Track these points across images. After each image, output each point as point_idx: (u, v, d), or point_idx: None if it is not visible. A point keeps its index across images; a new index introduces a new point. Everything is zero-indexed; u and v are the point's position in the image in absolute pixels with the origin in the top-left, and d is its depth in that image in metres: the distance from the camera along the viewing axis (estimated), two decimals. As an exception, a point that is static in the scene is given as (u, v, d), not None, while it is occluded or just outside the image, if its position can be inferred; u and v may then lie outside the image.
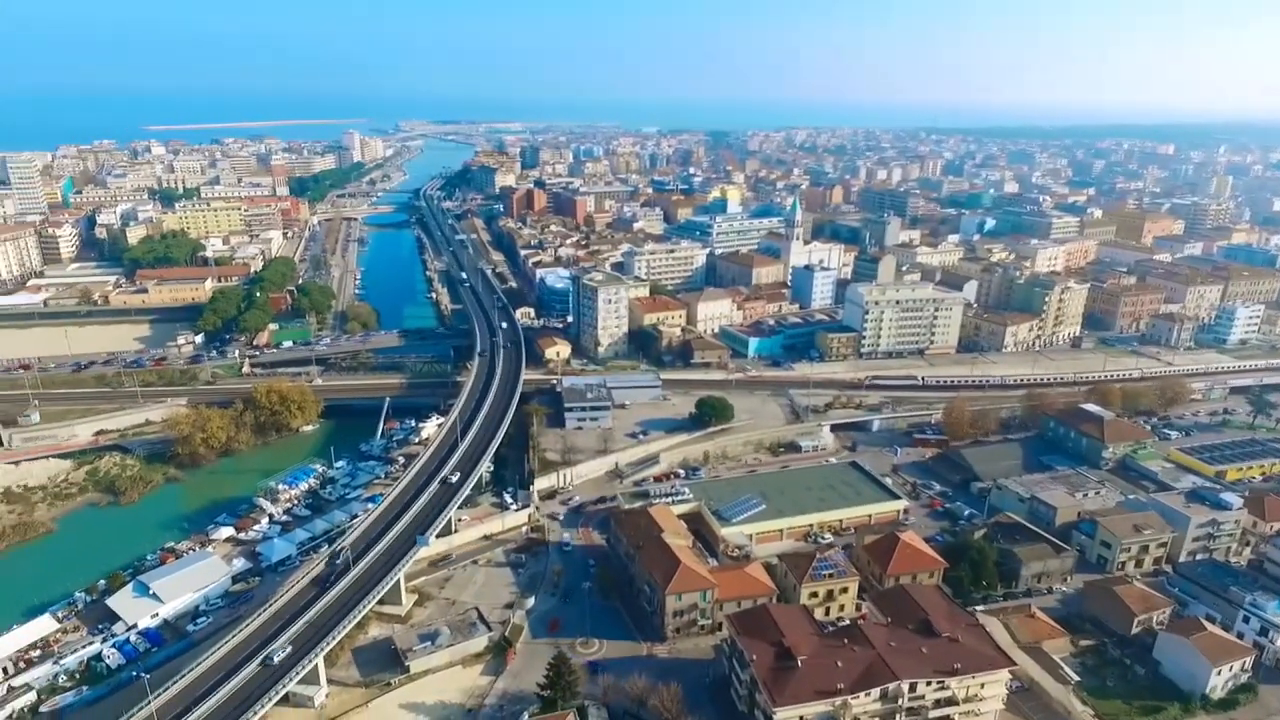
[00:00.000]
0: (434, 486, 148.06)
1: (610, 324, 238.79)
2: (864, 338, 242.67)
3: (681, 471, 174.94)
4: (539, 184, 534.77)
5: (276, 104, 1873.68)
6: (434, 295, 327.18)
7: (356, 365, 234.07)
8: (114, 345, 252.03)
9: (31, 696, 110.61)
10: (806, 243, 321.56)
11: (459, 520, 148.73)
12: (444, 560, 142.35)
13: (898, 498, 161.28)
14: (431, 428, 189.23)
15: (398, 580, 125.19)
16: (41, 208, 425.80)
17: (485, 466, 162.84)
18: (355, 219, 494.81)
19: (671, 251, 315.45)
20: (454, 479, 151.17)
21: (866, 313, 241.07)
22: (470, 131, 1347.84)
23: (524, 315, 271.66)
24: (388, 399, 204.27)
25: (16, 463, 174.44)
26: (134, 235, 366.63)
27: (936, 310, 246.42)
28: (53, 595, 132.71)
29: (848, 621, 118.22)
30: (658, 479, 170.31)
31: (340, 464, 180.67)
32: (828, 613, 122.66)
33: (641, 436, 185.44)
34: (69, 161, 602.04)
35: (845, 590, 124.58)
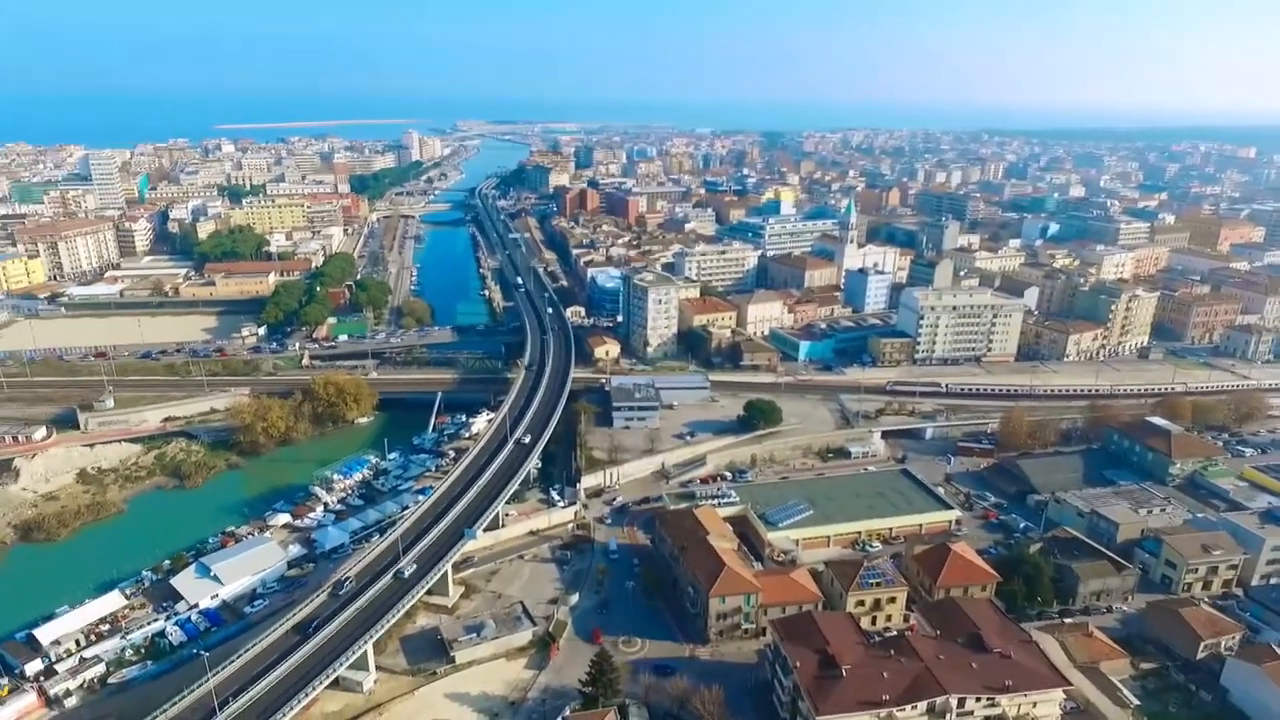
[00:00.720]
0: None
1: (660, 324, 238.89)
2: (918, 343, 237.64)
3: (728, 474, 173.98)
4: (592, 184, 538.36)
5: (329, 104, 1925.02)
6: (487, 293, 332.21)
7: (410, 360, 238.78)
8: (183, 335, 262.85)
9: (101, 668, 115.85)
10: (861, 246, 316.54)
11: (506, 515, 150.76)
12: (466, 558, 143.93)
13: (950, 508, 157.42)
14: (482, 423, 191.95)
15: (445, 571, 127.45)
16: (120, 203, 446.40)
17: (533, 463, 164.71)
18: (412, 217, 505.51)
19: (723, 253, 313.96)
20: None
21: (921, 318, 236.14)
22: (526, 131, 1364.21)
23: (574, 314, 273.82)
24: (440, 394, 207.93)
25: (91, 445, 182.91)
26: (204, 230, 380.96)
27: (995, 317, 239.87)
28: (122, 573, 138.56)
29: (895, 632, 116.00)
30: (704, 481, 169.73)
31: (393, 456, 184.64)
32: (874, 622, 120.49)
33: (689, 438, 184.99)
34: (145, 159, 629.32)
35: (893, 600, 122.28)
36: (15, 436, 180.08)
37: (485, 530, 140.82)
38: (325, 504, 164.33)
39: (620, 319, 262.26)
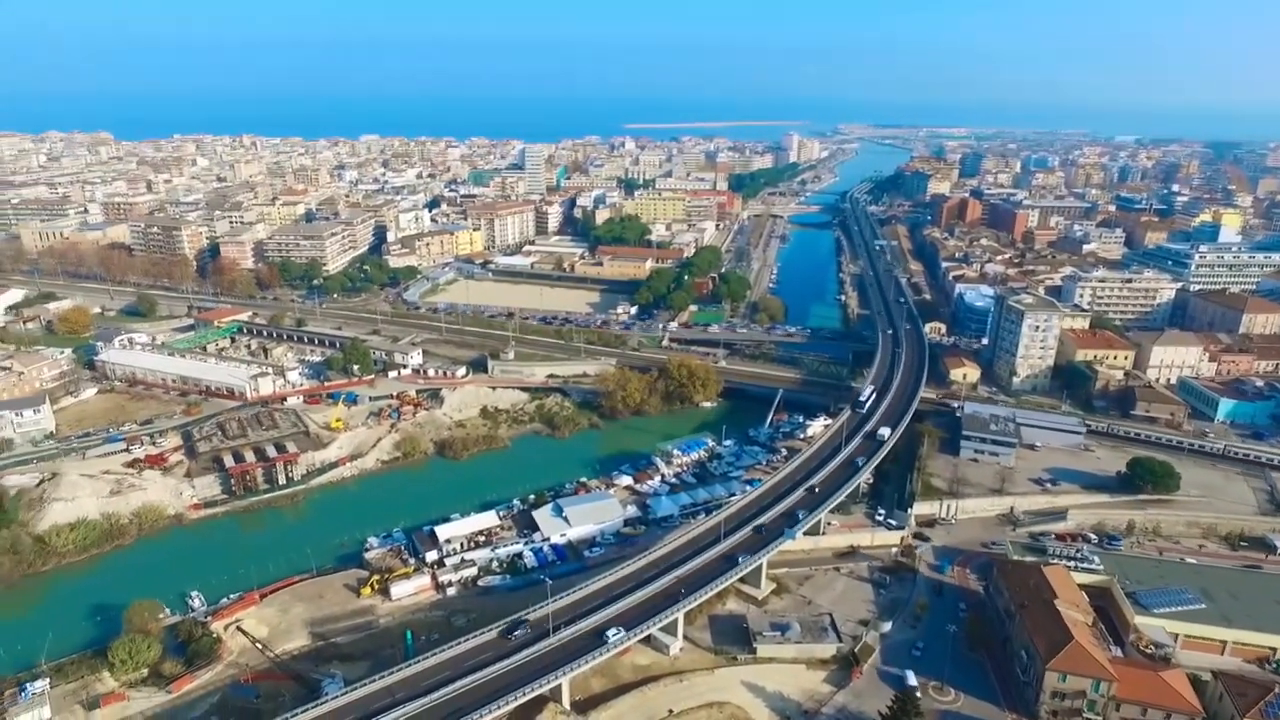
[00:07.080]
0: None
1: (1033, 353, 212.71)
2: None
3: (1093, 536, 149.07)
4: (976, 193, 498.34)
5: (717, 106, 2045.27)
6: (843, 297, 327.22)
7: (758, 354, 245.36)
8: (571, 306, 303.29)
9: (474, 571, 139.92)
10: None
11: (829, 524, 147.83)
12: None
13: None
14: (818, 427, 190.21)
15: (760, 565, 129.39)
16: (541, 189, 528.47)
17: (865, 476, 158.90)
18: (781, 216, 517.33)
19: (1128, 281, 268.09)
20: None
21: None
22: (909, 136, 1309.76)
23: (933, 330, 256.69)
24: (781, 391, 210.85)
25: (494, 388, 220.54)
26: (600, 216, 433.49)
27: None
28: (498, 497, 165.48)
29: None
30: (1060, 537, 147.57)
31: (728, 443, 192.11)
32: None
33: (1049, 485, 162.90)
34: (565, 152, 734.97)
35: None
36: (445, 372, 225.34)
37: (805, 534, 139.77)
38: (662, 475, 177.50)
39: (985, 342, 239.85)
